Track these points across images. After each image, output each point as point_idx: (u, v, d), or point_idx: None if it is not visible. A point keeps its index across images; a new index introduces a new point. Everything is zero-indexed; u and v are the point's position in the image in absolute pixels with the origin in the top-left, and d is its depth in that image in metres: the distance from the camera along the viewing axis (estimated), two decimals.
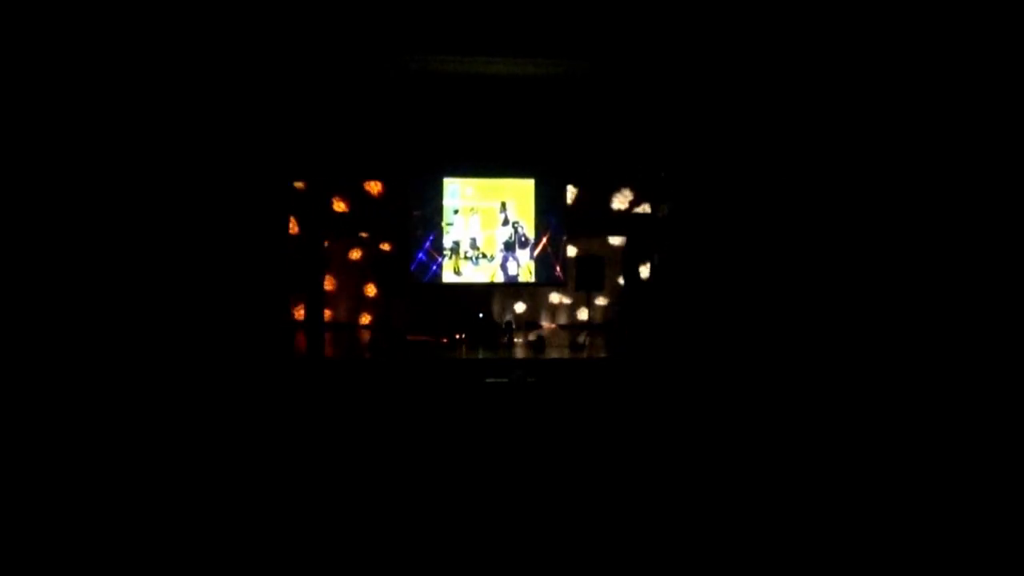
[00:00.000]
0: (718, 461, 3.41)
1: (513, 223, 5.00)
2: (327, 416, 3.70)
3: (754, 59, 4.20)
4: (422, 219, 4.94)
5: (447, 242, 4.95)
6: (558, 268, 5.06)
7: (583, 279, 4.83)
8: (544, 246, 5.03)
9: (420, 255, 4.93)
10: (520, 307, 5.26)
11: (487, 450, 3.51)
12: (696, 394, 3.87)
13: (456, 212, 4.95)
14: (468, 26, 4.04)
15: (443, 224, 4.94)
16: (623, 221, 5.22)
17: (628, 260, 5.21)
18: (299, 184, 4.93)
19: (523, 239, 5.02)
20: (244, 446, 3.39)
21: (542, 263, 5.03)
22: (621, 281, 5.27)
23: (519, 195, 5.02)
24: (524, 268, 5.02)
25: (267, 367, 3.95)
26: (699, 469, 3.35)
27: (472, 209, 4.97)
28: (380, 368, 4.09)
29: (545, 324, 5.28)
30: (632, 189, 5.20)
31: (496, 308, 5.14)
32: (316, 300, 4.96)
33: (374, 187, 5.12)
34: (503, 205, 4.99)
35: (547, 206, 5.02)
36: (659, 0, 3.97)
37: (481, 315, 4.88)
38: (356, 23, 4.02)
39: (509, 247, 4.99)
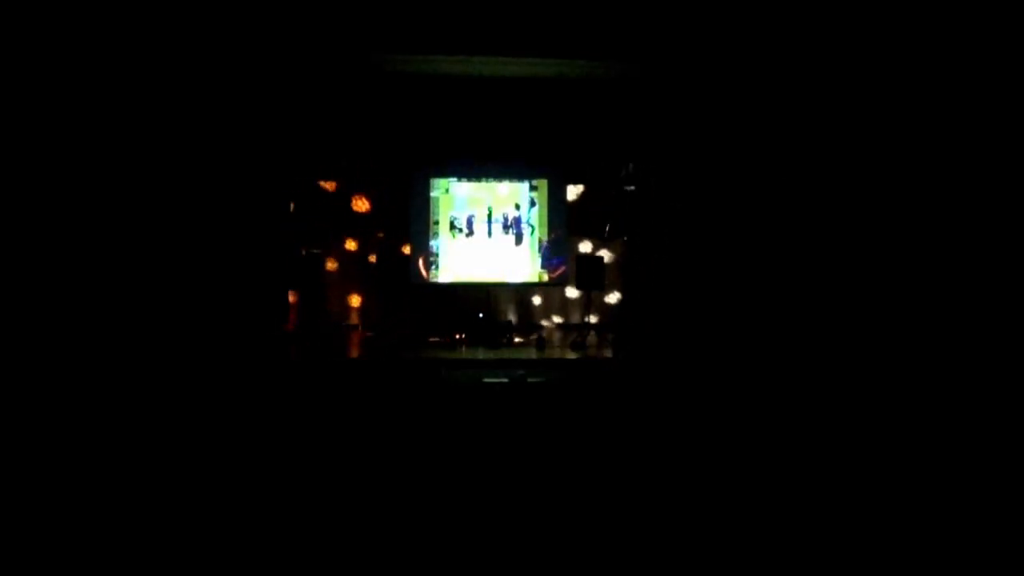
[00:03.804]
0: (720, 458, 3.40)
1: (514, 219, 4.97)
2: (326, 417, 3.69)
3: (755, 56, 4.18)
4: (423, 220, 4.93)
5: (433, 246, 4.94)
6: (560, 267, 5.04)
7: (583, 278, 4.82)
8: (551, 242, 5.01)
9: (430, 258, 4.93)
10: (521, 307, 5.24)
11: (486, 450, 3.50)
12: (695, 392, 3.86)
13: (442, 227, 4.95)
14: (456, 25, 4.03)
15: (432, 223, 4.93)
16: (622, 220, 5.20)
17: (628, 258, 5.20)
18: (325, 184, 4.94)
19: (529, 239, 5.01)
20: (241, 446, 3.39)
21: (545, 262, 5.01)
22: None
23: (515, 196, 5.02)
24: (531, 271, 5.00)
25: (264, 368, 3.95)
26: (701, 467, 3.33)
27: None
28: (379, 368, 4.08)
29: (545, 323, 5.27)
30: (631, 189, 5.18)
31: (496, 308, 5.12)
32: (313, 300, 4.95)
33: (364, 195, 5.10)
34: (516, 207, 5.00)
35: (554, 205, 5.01)
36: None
37: (481, 315, 4.87)
38: (344, 22, 4.00)
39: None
